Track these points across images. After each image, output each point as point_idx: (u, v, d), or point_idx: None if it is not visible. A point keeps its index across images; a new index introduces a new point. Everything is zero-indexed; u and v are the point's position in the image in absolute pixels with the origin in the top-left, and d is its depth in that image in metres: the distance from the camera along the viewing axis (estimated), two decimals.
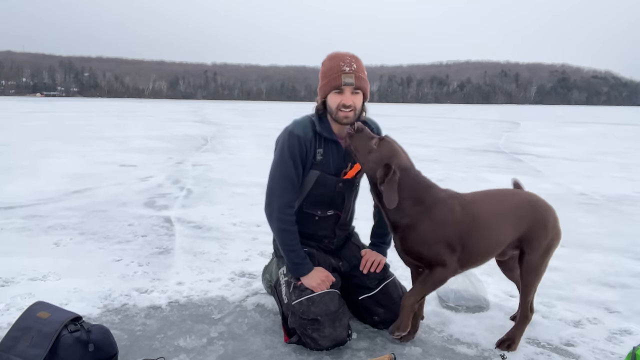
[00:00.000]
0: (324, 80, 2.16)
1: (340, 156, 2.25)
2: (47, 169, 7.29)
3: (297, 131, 2.19)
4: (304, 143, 2.17)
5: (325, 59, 2.20)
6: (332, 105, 2.15)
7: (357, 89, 2.14)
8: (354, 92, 2.14)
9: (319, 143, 2.21)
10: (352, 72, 2.11)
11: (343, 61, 2.13)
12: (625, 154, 11.09)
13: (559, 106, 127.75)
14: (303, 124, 2.22)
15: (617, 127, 23.59)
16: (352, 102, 2.13)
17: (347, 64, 2.12)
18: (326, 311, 2.09)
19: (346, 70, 2.10)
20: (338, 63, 2.12)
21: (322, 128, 2.21)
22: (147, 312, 2.51)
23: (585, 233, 4.19)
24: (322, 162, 2.22)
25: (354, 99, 2.14)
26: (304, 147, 2.18)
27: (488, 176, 7.33)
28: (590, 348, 2.22)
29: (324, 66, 2.19)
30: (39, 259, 3.24)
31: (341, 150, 2.24)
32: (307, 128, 2.21)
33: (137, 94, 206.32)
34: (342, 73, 2.10)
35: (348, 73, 2.10)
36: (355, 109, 2.15)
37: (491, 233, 2.09)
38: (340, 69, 2.11)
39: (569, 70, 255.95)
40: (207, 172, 7.34)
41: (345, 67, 2.11)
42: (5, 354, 1.82)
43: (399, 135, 2.27)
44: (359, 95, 2.17)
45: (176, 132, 15.31)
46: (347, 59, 2.14)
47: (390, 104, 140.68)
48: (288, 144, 2.18)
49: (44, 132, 14.44)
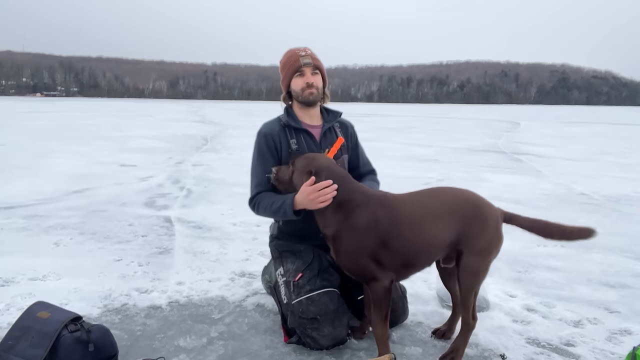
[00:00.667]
0: (285, 69, 2.34)
1: (315, 143, 2.34)
2: (47, 169, 7.29)
3: (264, 130, 2.35)
4: (271, 138, 2.31)
5: (282, 56, 2.39)
6: (297, 88, 2.31)
7: (316, 68, 2.32)
8: (314, 72, 2.31)
9: (290, 134, 2.32)
10: (307, 55, 2.31)
11: (297, 49, 2.35)
12: (625, 154, 11.09)
13: (559, 106, 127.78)
14: (270, 123, 2.38)
15: (617, 127, 23.59)
16: (314, 80, 2.31)
17: (302, 50, 2.34)
18: (325, 310, 2.09)
19: (302, 54, 2.31)
20: (294, 52, 2.34)
21: (289, 119, 2.34)
22: (147, 312, 2.51)
23: None
24: (297, 150, 2.29)
25: (314, 78, 2.31)
26: (272, 142, 2.31)
27: (488, 176, 7.33)
28: (590, 348, 2.22)
29: (281, 61, 2.38)
30: (39, 259, 3.24)
31: (314, 137, 2.35)
32: (273, 125, 2.35)
33: (137, 94, 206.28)
34: (300, 57, 2.30)
35: (304, 56, 2.31)
36: (317, 87, 2.32)
37: (421, 233, 1.97)
38: (297, 54, 2.32)
39: (569, 70, 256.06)
40: (207, 172, 7.34)
41: (301, 52, 2.32)
42: (5, 354, 1.82)
43: (399, 135, 2.27)
44: (318, 76, 2.33)
45: (176, 132, 15.31)
46: (301, 48, 2.36)
47: (390, 104, 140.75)
48: (258, 144, 2.35)
49: (44, 132, 14.44)
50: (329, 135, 2.39)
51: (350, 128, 2.50)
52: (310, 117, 2.37)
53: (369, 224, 1.92)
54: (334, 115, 2.44)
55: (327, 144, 2.35)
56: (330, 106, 2.48)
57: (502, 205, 2.24)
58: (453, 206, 2.02)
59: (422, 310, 2.55)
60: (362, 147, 2.55)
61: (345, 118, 2.51)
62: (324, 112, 2.43)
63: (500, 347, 2.21)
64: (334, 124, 2.42)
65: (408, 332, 2.35)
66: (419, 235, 1.97)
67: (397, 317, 2.34)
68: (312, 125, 2.37)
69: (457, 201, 2.04)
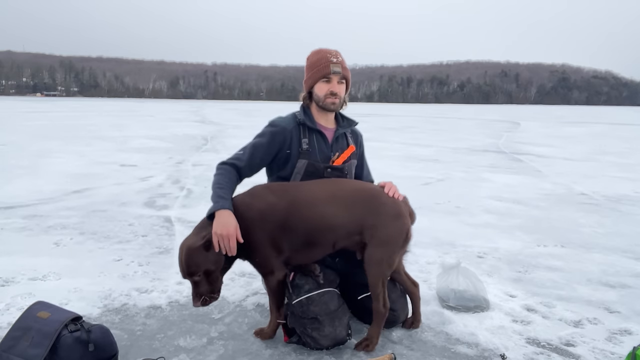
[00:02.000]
0: (312, 70, 2.31)
1: (327, 145, 2.35)
2: (47, 169, 7.29)
3: (280, 123, 2.33)
4: (282, 134, 2.28)
5: (311, 54, 2.36)
6: (320, 93, 2.29)
7: (343, 78, 2.30)
8: (340, 81, 2.30)
9: (304, 133, 2.32)
10: (338, 62, 2.28)
11: (330, 53, 2.30)
12: (625, 154, 11.10)
13: (559, 106, 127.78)
14: (285, 118, 2.36)
15: (617, 127, 23.59)
16: (339, 90, 2.30)
17: (334, 56, 2.29)
18: (325, 310, 2.09)
19: (334, 60, 2.27)
20: (325, 55, 2.29)
21: (305, 118, 2.33)
22: (147, 312, 2.51)
23: (585, 233, 4.19)
24: (308, 150, 2.30)
25: (340, 88, 2.30)
26: (282, 137, 2.28)
27: (488, 176, 7.33)
28: (590, 348, 2.22)
29: (310, 59, 2.34)
30: (39, 259, 3.24)
31: (326, 139, 2.35)
32: (289, 121, 2.34)
33: (137, 94, 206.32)
34: (330, 63, 2.26)
35: (336, 63, 2.27)
36: (340, 97, 2.31)
37: (317, 211, 2.06)
38: (328, 59, 2.27)
39: (569, 70, 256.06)
40: (208, 172, 7.34)
41: (333, 58, 2.28)
42: (5, 354, 1.82)
43: (399, 135, 2.29)
44: (343, 85, 2.33)
45: (176, 132, 15.32)
46: (333, 52, 2.31)
47: (390, 104, 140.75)
48: (265, 131, 2.31)
49: (44, 132, 14.44)
50: (340, 140, 2.40)
51: (360, 137, 2.54)
52: (326, 120, 2.38)
53: (265, 212, 2.04)
54: (348, 123, 2.46)
55: (337, 148, 2.38)
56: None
57: (502, 205, 2.24)
58: (351, 194, 2.13)
59: (422, 310, 2.54)
60: (365, 159, 2.58)
61: (358, 128, 2.54)
62: (338, 117, 2.44)
63: (500, 347, 2.21)
64: (347, 131, 2.44)
65: (408, 332, 2.34)
66: (315, 213, 2.07)
67: (397, 317, 2.34)
68: (326, 128, 2.38)
69: (355, 190, 2.15)
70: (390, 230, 2.10)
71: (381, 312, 2.13)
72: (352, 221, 2.08)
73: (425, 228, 4.27)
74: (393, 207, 2.13)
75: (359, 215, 2.08)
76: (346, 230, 2.09)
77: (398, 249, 2.14)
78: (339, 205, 2.09)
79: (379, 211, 2.10)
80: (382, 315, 2.14)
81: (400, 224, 2.13)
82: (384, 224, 2.09)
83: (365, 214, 2.09)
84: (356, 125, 2.51)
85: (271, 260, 2.08)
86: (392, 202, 2.15)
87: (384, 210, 2.11)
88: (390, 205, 2.13)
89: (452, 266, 2.72)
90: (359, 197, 2.12)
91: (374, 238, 2.08)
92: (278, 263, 2.10)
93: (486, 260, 3.45)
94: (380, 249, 2.08)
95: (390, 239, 2.10)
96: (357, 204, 2.10)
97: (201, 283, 1.97)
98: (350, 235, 2.10)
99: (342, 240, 2.12)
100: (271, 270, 2.09)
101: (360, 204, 2.10)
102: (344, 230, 2.09)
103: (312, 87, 2.32)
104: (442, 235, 4.06)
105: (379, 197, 2.15)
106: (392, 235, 2.10)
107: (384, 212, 2.11)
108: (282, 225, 2.05)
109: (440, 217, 4.73)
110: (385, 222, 2.09)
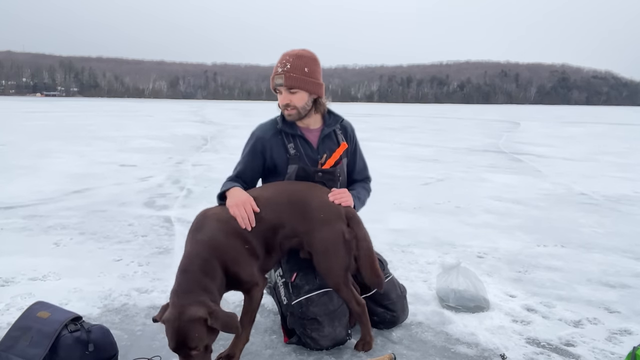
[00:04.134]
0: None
1: (312, 149, 2.30)
2: (47, 169, 7.29)
3: (257, 133, 2.31)
4: (261, 143, 2.27)
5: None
6: (279, 104, 2.26)
7: (291, 88, 2.18)
8: (291, 91, 2.19)
9: (287, 139, 2.28)
10: (283, 72, 2.17)
11: (280, 62, 2.22)
12: (625, 154, 11.10)
13: (559, 106, 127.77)
14: (264, 126, 2.33)
15: (617, 127, 23.59)
16: (289, 100, 2.21)
17: (282, 65, 2.19)
18: (325, 311, 2.09)
19: (279, 71, 2.19)
20: (276, 64, 2.23)
21: (284, 125, 2.28)
22: (147, 312, 2.50)
23: (585, 233, 4.19)
24: (296, 155, 2.26)
25: (291, 97, 2.20)
26: (261, 146, 2.27)
27: (488, 176, 7.33)
28: (590, 348, 2.22)
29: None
30: (39, 259, 3.24)
31: (310, 143, 2.30)
32: (268, 128, 2.31)
33: (137, 94, 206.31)
34: (276, 74, 2.20)
35: (280, 74, 2.18)
36: (296, 107, 2.22)
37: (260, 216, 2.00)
38: (275, 71, 2.22)
39: (569, 70, 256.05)
40: (207, 172, 7.34)
41: (279, 67, 2.20)
42: (5, 354, 1.82)
43: (399, 135, 2.28)
44: (298, 94, 2.20)
45: (176, 132, 15.32)
46: (284, 58, 2.21)
47: (390, 104, 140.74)
48: (248, 143, 2.33)
49: (44, 132, 14.45)
50: (327, 140, 2.33)
51: (350, 130, 2.43)
52: (308, 122, 2.31)
53: (231, 221, 1.96)
54: (335, 120, 2.37)
55: (325, 149, 2.31)
56: (331, 107, 2.40)
57: (502, 205, 2.24)
58: (285, 197, 2.07)
59: (422, 310, 2.55)
60: (360, 152, 2.49)
61: (345, 120, 2.44)
62: (325, 115, 2.37)
63: (500, 347, 2.20)
64: (336, 127, 2.37)
65: (408, 332, 2.34)
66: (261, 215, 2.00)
67: (396, 317, 2.34)
68: (309, 129, 2.31)
69: (289, 193, 2.10)
70: (324, 236, 2.02)
71: (357, 310, 2.10)
72: (285, 223, 2.03)
73: (425, 228, 4.28)
74: (322, 211, 2.04)
75: (289, 219, 2.03)
76: (284, 232, 2.04)
77: (342, 254, 2.03)
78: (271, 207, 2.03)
79: (307, 216, 2.03)
80: (360, 313, 2.11)
81: (332, 228, 2.03)
82: (316, 230, 2.02)
83: (296, 218, 2.03)
84: (342, 122, 2.40)
85: (254, 269, 1.97)
86: (321, 206, 2.06)
87: (312, 215, 2.04)
88: (318, 210, 2.04)
89: (452, 266, 2.72)
90: (290, 201, 2.06)
91: (313, 247, 2.03)
92: (259, 272, 2.00)
93: (486, 260, 3.45)
94: (324, 257, 2.02)
95: (328, 245, 2.02)
96: (288, 207, 2.04)
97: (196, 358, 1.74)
98: (289, 237, 2.05)
99: (285, 242, 2.06)
100: (256, 281, 1.98)
101: (291, 207, 2.04)
102: (283, 231, 2.03)
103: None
104: (442, 235, 4.06)
105: (309, 201, 2.06)
106: (327, 241, 2.02)
107: (313, 217, 2.03)
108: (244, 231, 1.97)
109: (440, 217, 4.73)
110: (316, 228, 2.02)
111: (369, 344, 2.13)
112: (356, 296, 2.11)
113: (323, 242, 2.02)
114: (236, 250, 1.94)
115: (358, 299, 2.11)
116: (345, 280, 2.05)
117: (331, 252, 2.03)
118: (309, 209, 2.05)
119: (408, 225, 4.39)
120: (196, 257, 1.88)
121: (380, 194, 2.60)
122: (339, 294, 2.09)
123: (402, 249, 3.65)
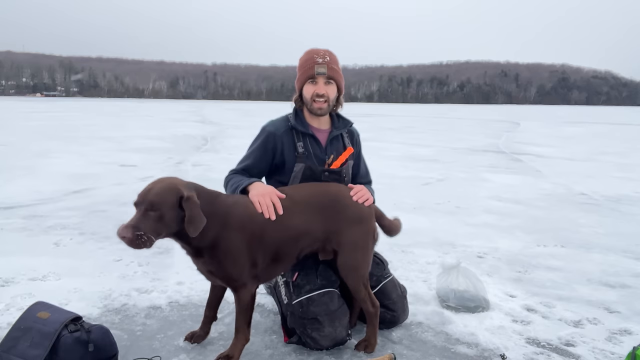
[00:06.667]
0: (300, 71, 2.29)
1: (320, 148, 2.32)
2: (47, 169, 7.28)
3: (269, 128, 2.31)
4: (272, 139, 2.28)
5: (302, 54, 2.33)
6: (307, 95, 2.26)
7: (330, 79, 2.25)
8: (327, 82, 2.25)
9: (297, 137, 2.29)
10: (324, 63, 2.23)
11: (317, 54, 2.26)
12: (625, 154, 11.10)
13: (559, 106, 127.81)
14: (276, 122, 2.34)
15: (617, 127, 23.59)
16: (325, 91, 2.24)
17: (321, 56, 2.25)
18: (326, 310, 2.09)
19: (319, 61, 2.23)
20: (312, 55, 2.26)
21: (296, 122, 2.30)
22: (147, 312, 2.51)
23: (585, 233, 4.19)
24: (304, 154, 2.27)
25: (327, 89, 2.25)
26: (273, 142, 2.28)
27: (488, 176, 7.33)
28: (590, 348, 2.22)
29: (300, 60, 2.32)
30: (39, 259, 3.24)
31: (319, 143, 2.32)
32: (280, 124, 2.32)
33: (137, 94, 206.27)
34: (315, 64, 2.22)
35: (321, 64, 2.22)
36: (328, 99, 2.26)
37: (289, 222, 1.98)
38: (314, 60, 2.24)
39: (569, 70, 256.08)
40: (207, 172, 7.34)
41: (319, 58, 2.24)
42: (5, 354, 1.82)
43: (399, 135, 2.28)
44: (332, 86, 2.27)
45: (176, 132, 15.31)
46: (321, 52, 2.27)
47: (390, 104, 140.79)
48: (258, 137, 2.32)
49: (44, 132, 14.44)
50: (335, 142, 2.37)
51: (357, 136, 2.49)
52: (318, 122, 2.34)
53: (244, 221, 1.94)
54: (344, 124, 2.41)
55: (332, 150, 2.34)
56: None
57: (502, 205, 2.24)
58: (313, 199, 2.07)
59: (422, 310, 2.55)
60: (363, 157, 2.54)
61: (353, 126, 2.49)
62: (334, 118, 2.40)
63: (500, 347, 2.21)
64: (343, 131, 2.40)
65: (408, 332, 2.35)
66: (288, 224, 1.99)
67: (397, 317, 2.34)
68: (319, 130, 2.35)
69: (316, 194, 2.10)
70: (356, 235, 2.06)
71: (371, 312, 2.13)
72: (316, 228, 2.03)
73: (425, 228, 4.27)
74: (355, 211, 2.08)
75: (322, 221, 2.03)
76: (311, 237, 2.04)
77: (370, 252, 2.12)
78: (301, 213, 2.02)
79: (340, 216, 2.05)
80: (373, 315, 2.13)
81: (364, 227, 2.09)
82: (347, 229, 2.05)
83: (328, 219, 2.04)
84: (352, 126, 2.45)
85: (245, 272, 1.94)
86: (354, 205, 2.10)
87: (346, 214, 2.06)
88: (352, 209, 2.08)
89: (452, 266, 2.72)
90: (321, 202, 2.06)
91: (342, 245, 2.05)
92: (251, 276, 1.97)
93: (486, 260, 3.45)
94: (352, 255, 2.06)
95: (359, 243, 2.07)
96: (319, 209, 2.04)
97: (149, 218, 1.74)
98: (314, 241, 2.05)
99: (306, 249, 2.06)
100: (244, 283, 1.95)
101: (322, 209, 2.04)
102: (310, 238, 2.03)
103: (302, 88, 2.29)
104: (442, 235, 4.06)
105: (341, 200, 2.09)
106: (359, 239, 2.07)
107: (346, 216, 2.06)
108: (259, 236, 1.95)
109: (440, 217, 4.73)
110: (347, 226, 2.05)
111: (371, 347, 2.13)
112: (372, 297, 2.14)
113: (354, 240, 2.06)
114: (234, 243, 1.91)
115: (373, 300, 2.14)
116: (365, 281, 2.11)
117: (360, 251, 2.08)
118: (341, 208, 2.08)
119: (408, 225, 4.34)
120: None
121: (380, 194, 2.60)
122: (357, 294, 2.11)
123: (402, 249, 3.65)
